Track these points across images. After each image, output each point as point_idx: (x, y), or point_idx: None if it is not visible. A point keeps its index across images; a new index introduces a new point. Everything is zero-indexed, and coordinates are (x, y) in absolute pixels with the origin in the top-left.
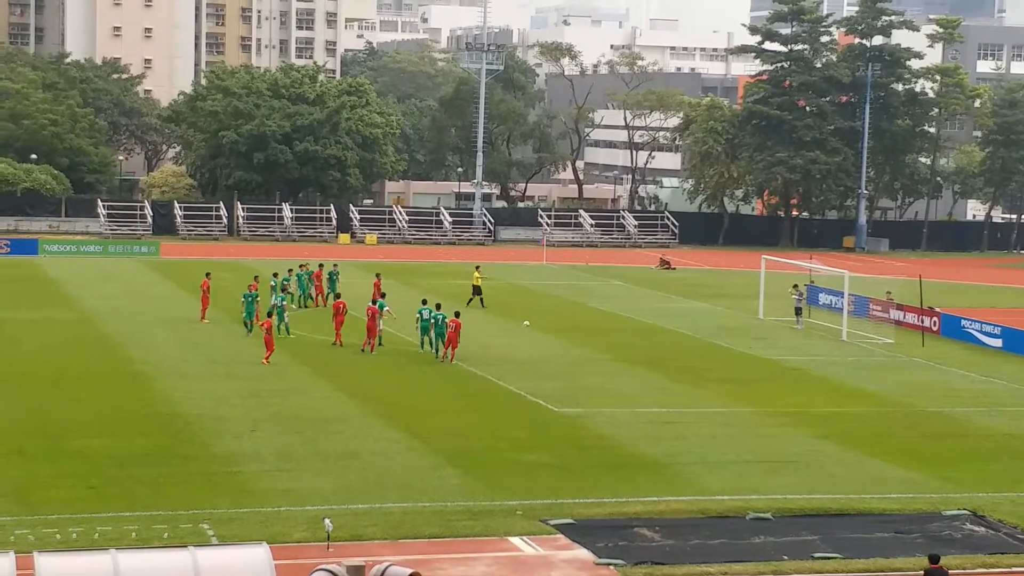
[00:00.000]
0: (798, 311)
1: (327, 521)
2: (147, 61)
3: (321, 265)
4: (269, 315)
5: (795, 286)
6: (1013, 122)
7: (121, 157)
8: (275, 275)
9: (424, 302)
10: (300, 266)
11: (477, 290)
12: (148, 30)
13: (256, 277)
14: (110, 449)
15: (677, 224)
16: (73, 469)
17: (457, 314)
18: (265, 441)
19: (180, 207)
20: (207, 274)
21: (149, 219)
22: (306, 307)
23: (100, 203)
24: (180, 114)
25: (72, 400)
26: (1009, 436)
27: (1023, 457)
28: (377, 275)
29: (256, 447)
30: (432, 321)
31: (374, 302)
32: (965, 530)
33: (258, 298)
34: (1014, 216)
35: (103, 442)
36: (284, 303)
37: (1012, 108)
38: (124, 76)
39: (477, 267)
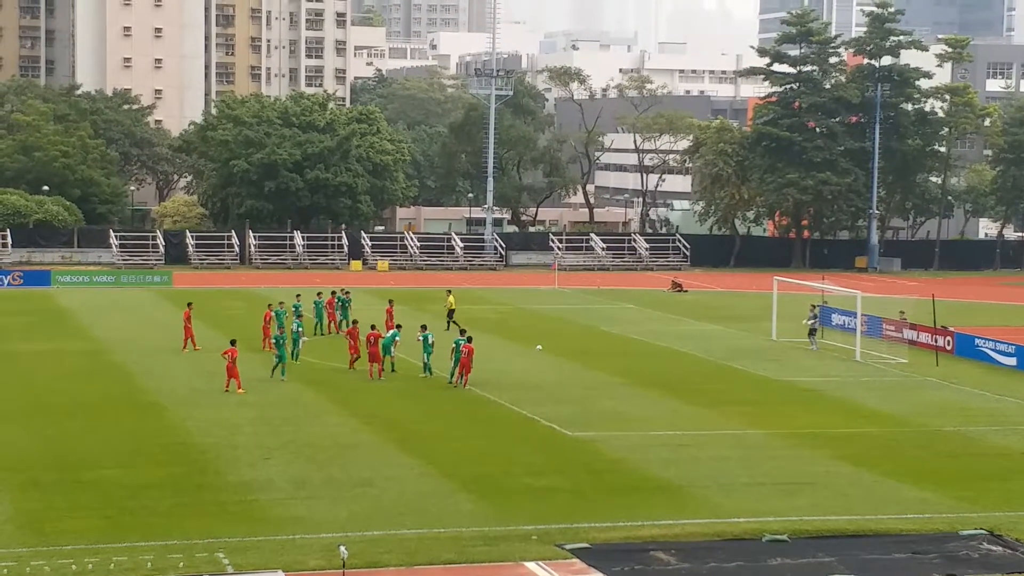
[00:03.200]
0: (812, 332)
1: (342, 548)
2: (157, 91)
3: (333, 292)
4: (233, 343)
5: (813, 306)
6: None
7: (132, 187)
8: (293, 297)
9: (424, 327)
10: (318, 294)
11: (451, 313)
12: (158, 61)
13: (269, 304)
14: (125, 479)
15: (688, 246)
16: (88, 499)
17: (470, 339)
18: (279, 469)
19: (192, 236)
20: (189, 304)
21: (161, 249)
22: (322, 335)
23: (112, 233)
24: (191, 144)
25: (86, 430)
26: None
27: None
28: (390, 301)
29: (270, 475)
30: (452, 347)
31: (388, 329)
32: (983, 550)
33: (284, 340)
34: None
35: (118, 472)
36: (301, 329)
37: (1022, 126)
38: (135, 107)
39: (448, 291)
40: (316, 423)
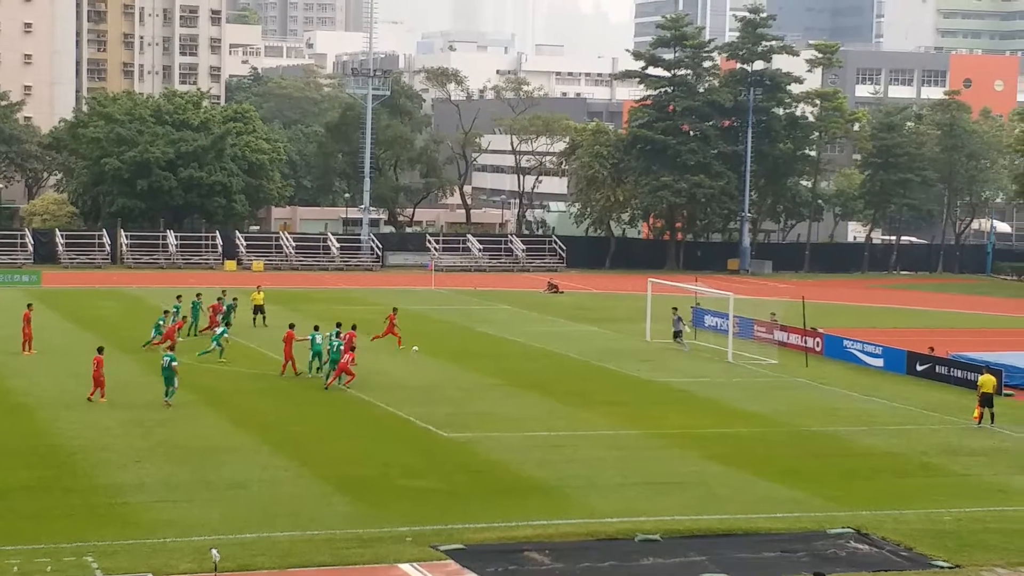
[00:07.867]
0: (676, 334)
1: (214, 552)
2: (27, 88)
3: (219, 298)
4: (100, 351)
5: (675, 309)
6: (891, 145)
7: (0, 185)
8: (176, 299)
9: (316, 328)
10: (197, 295)
11: (258, 309)
12: (28, 56)
13: (165, 311)
14: None
15: (564, 248)
16: None
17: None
18: (150, 471)
19: (62, 235)
20: (29, 305)
21: (30, 248)
22: (195, 336)
23: None
24: (61, 141)
25: None
26: (890, 454)
27: (904, 475)
28: (394, 309)
29: (141, 478)
30: (328, 347)
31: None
32: (849, 548)
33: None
34: (893, 238)
35: None
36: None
37: (890, 131)
38: (3, 103)
39: (258, 287)
40: (189, 425)
